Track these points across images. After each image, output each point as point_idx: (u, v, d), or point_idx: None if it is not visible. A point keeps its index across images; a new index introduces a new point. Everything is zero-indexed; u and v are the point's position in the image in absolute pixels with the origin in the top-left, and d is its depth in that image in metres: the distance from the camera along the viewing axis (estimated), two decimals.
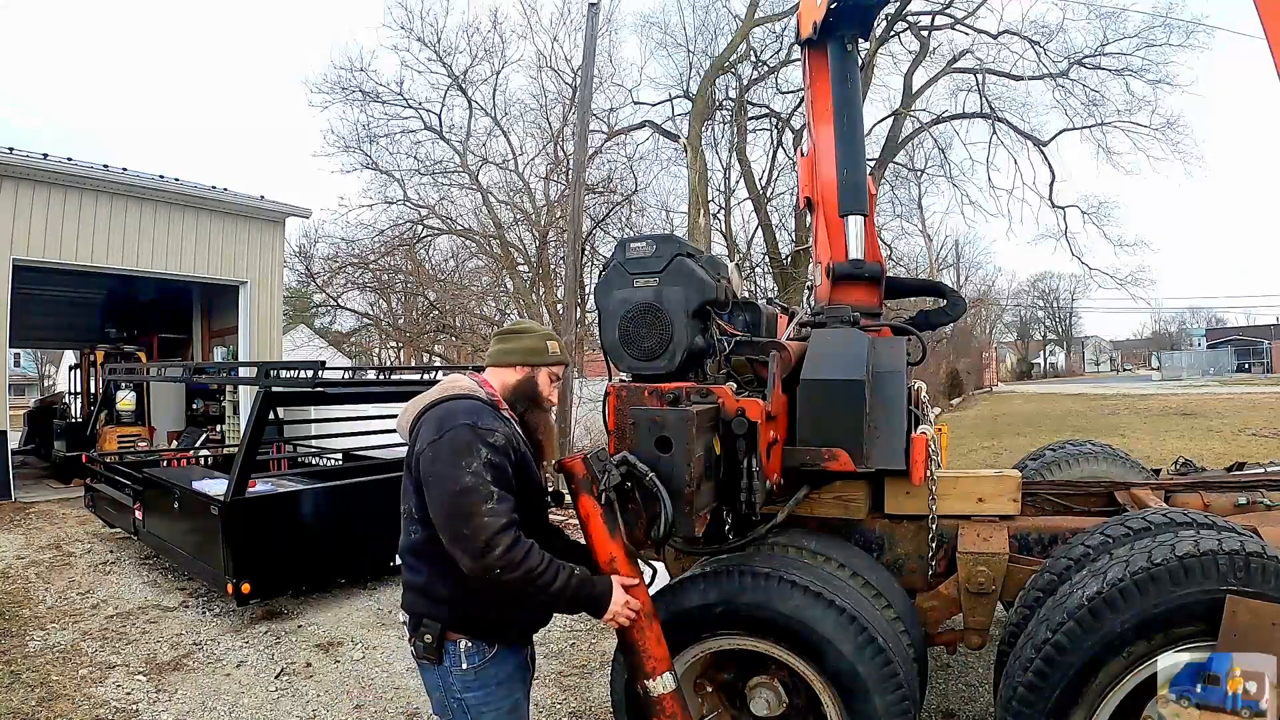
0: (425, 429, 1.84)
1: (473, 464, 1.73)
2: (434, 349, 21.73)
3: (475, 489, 1.71)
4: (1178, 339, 61.97)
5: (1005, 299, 49.22)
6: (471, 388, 1.97)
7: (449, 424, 1.80)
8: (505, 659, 1.88)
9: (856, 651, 2.20)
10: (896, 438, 2.53)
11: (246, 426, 5.13)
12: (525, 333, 2.12)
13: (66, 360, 18.60)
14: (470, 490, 1.71)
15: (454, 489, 1.71)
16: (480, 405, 1.91)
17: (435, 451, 1.77)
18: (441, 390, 1.96)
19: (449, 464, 1.73)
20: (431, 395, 1.95)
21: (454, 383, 1.99)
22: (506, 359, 2.06)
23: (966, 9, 18.44)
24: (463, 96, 20.21)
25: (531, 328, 2.15)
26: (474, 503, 1.70)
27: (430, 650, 1.82)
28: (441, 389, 1.96)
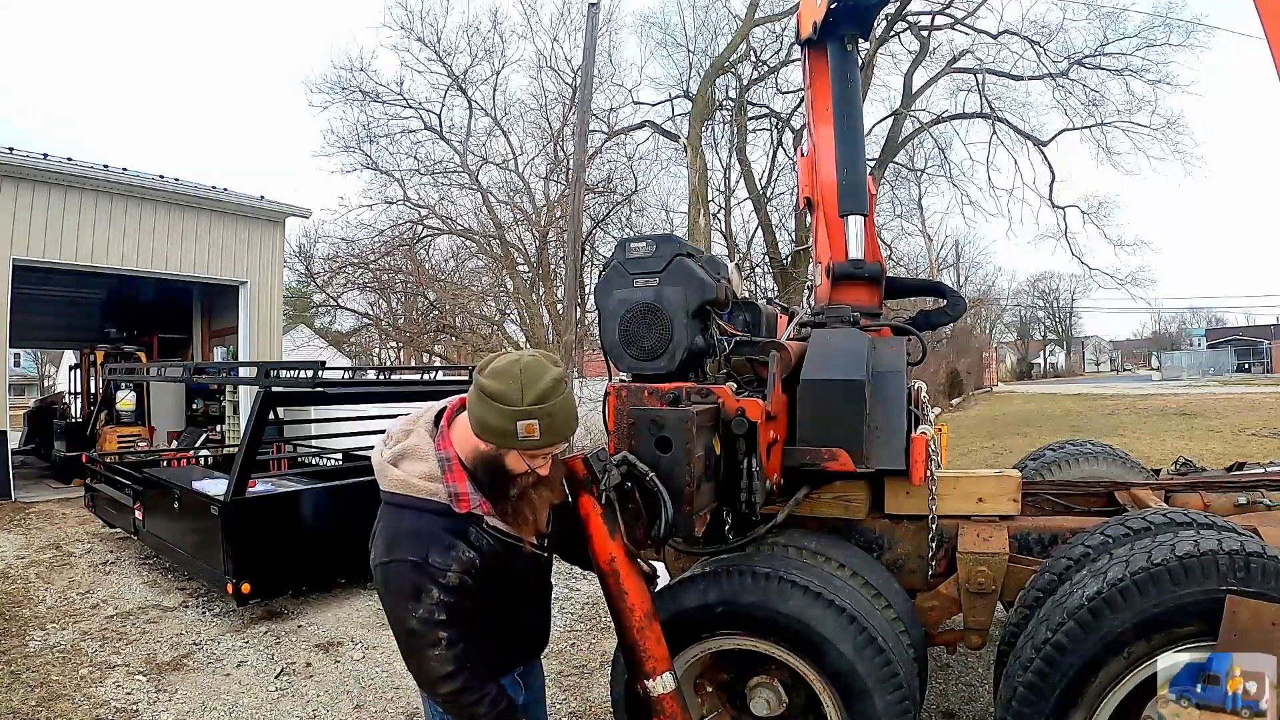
0: (378, 533, 1.64)
1: (418, 609, 1.55)
2: (434, 349, 21.72)
3: (422, 635, 1.56)
4: (1178, 339, 61.98)
5: (1005, 299, 49.29)
6: (430, 483, 1.63)
7: (393, 552, 1.58)
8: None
9: (856, 651, 2.19)
10: (896, 438, 2.53)
11: (246, 426, 5.13)
12: (496, 400, 1.57)
13: (66, 360, 18.61)
14: (416, 635, 1.56)
15: (400, 628, 1.59)
16: (433, 526, 1.60)
17: (383, 579, 1.59)
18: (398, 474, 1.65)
19: (394, 602, 1.58)
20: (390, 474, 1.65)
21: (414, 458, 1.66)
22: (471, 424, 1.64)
23: (966, 9, 18.47)
24: (463, 96, 20.24)
25: (507, 393, 1.56)
26: (420, 649, 1.58)
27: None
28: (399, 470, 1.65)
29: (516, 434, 1.58)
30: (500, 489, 1.67)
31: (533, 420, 1.57)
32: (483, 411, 1.60)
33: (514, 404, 1.57)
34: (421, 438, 1.70)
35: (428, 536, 1.59)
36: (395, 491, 1.65)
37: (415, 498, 1.63)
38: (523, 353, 1.67)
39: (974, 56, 19.18)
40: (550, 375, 1.61)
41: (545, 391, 1.59)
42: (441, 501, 1.63)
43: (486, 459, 1.65)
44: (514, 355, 1.66)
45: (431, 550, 1.57)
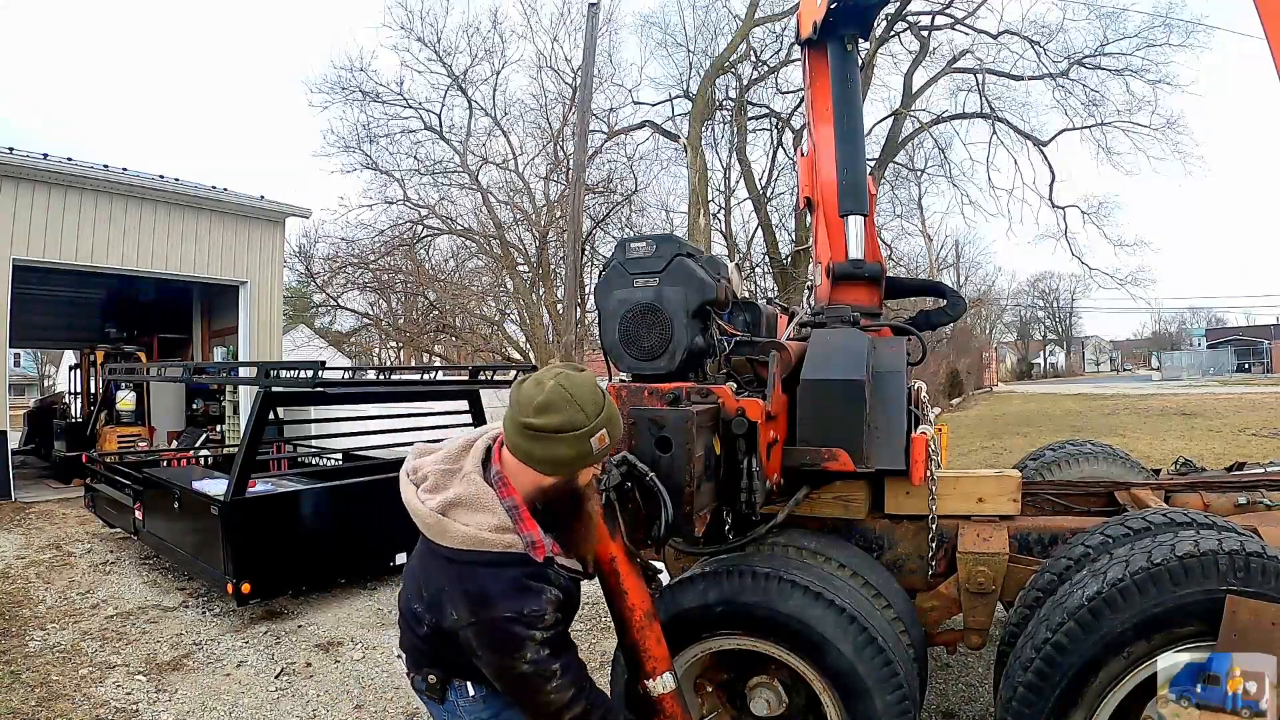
0: (453, 592, 1.54)
1: (526, 655, 1.52)
2: (434, 349, 21.73)
3: (535, 675, 1.54)
4: (1178, 339, 62.00)
5: (1005, 299, 49.30)
6: (504, 535, 1.55)
7: (486, 612, 1.51)
8: None
9: (856, 651, 2.19)
10: (896, 438, 2.53)
11: (246, 426, 5.13)
12: (564, 431, 1.53)
13: (66, 360, 18.60)
14: (529, 678, 1.53)
15: (509, 675, 1.55)
16: (520, 578, 1.54)
17: (479, 638, 1.53)
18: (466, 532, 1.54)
19: (498, 652, 1.53)
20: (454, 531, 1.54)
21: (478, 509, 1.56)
22: (534, 466, 1.59)
23: (966, 9, 18.48)
24: (463, 96, 20.26)
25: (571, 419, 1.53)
26: (534, 685, 1.55)
27: (433, 690, 1.73)
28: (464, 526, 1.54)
29: (592, 451, 1.58)
30: (573, 512, 1.66)
31: (601, 429, 1.58)
32: (549, 450, 1.55)
33: (582, 425, 1.55)
34: (477, 485, 1.59)
35: (517, 588, 1.53)
36: (466, 549, 1.54)
37: (491, 553, 1.54)
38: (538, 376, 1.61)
39: (974, 56, 19.21)
40: (586, 380, 1.60)
41: (597, 397, 1.59)
42: (519, 552, 1.56)
43: (559, 489, 1.62)
44: (534, 381, 1.59)
45: (526, 600, 1.53)
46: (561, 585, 1.62)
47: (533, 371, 1.72)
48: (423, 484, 1.65)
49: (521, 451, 1.58)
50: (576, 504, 1.67)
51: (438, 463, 1.68)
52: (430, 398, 6.28)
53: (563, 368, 1.64)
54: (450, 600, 1.55)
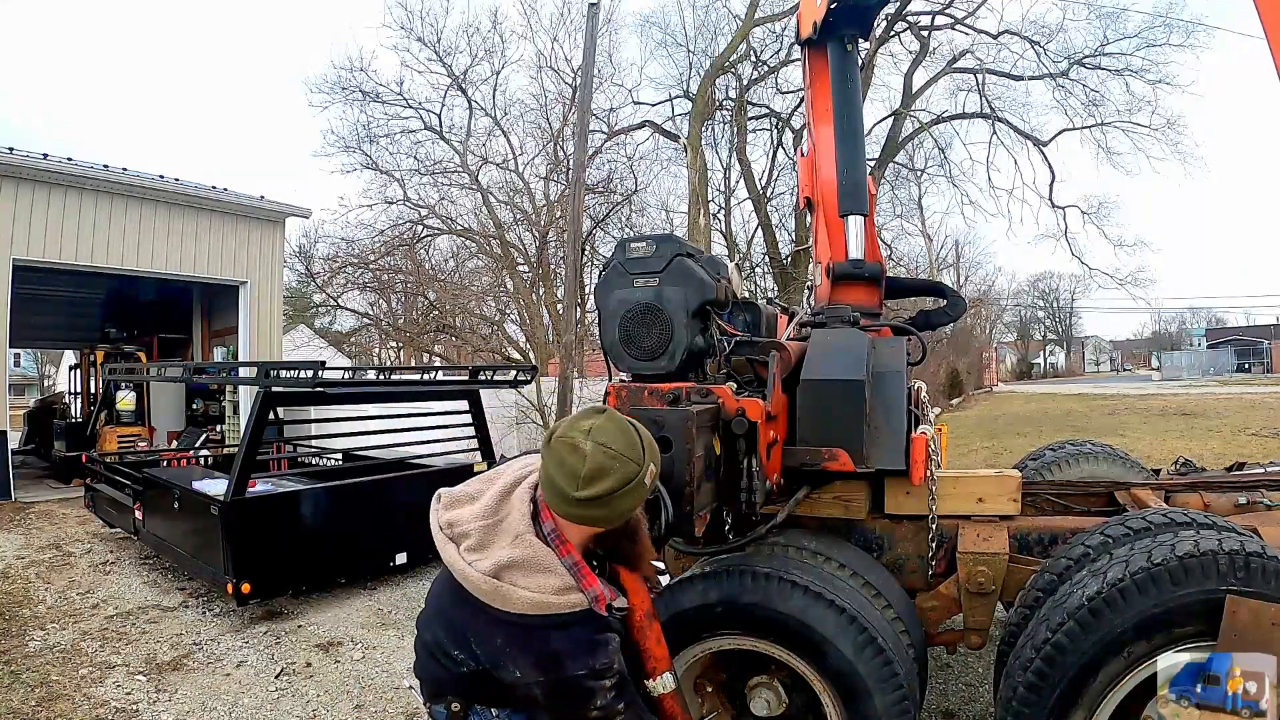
0: (520, 656, 1.52)
1: (596, 702, 1.54)
2: (434, 349, 21.73)
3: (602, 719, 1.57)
4: (1178, 339, 62.06)
5: (1005, 299, 49.23)
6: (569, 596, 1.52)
7: (558, 673, 1.51)
8: None
9: (856, 651, 2.19)
10: (896, 438, 2.53)
11: (246, 426, 5.13)
12: (622, 487, 1.50)
13: (66, 360, 18.60)
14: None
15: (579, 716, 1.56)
16: (589, 637, 1.54)
17: (547, 694, 1.53)
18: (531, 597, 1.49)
19: (570, 706, 1.54)
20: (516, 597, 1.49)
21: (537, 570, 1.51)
22: (594, 525, 1.57)
23: (966, 9, 18.48)
24: (463, 96, 20.25)
25: (626, 474, 1.50)
26: None
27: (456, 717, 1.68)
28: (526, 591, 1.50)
29: (647, 488, 1.57)
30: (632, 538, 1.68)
31: (650, 466, 1.57)
32: (613, 510, 1.53)
33: (635, 474, 1.52)
34: (534, 546, 1.54)
35: (585, 646, 1.53)
36: (531, 614, 1.50)
37: (558, 615, 1.51)
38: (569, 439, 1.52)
39: (974, 56, 19.21)
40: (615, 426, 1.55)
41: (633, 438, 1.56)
42: (585, 609, 1.54)
43: (625, 529, 1.63)
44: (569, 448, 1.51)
45: (596, 657, 1.54)
46: (618, 629, 1.64)
47: (532, 371, 1.70)
48: (464, 542, 1.58)
49: (583, 520, 1.54)
50: (634, 530, 1.67)
51: (478, 518, 1.59)
52: (430, 398, 6.28)
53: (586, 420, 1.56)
54: (514, 661, 1.53)
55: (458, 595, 1.58)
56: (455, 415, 6.32)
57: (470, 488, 1.70)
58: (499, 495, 1.62)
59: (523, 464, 1.70)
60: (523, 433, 13.53)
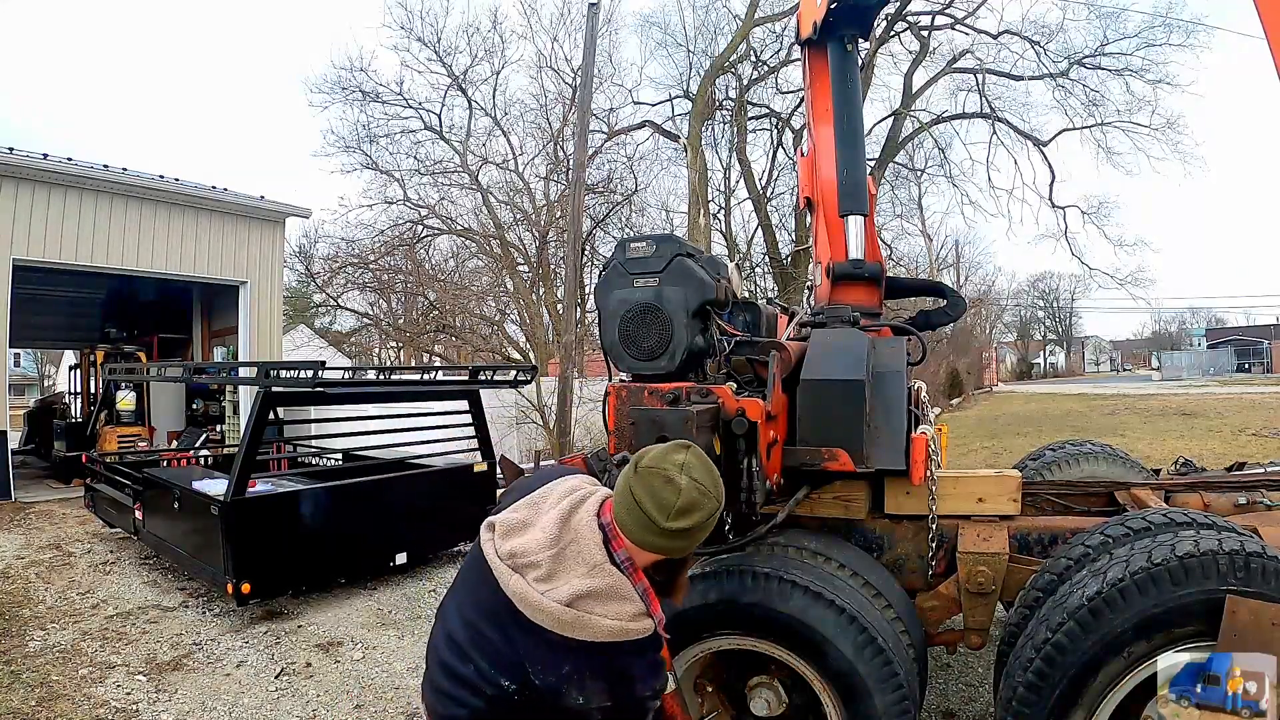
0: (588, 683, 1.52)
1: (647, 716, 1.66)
2: (434, 349, 21.73)
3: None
4: (1178, 339, 62.07)
5: (1005, 299, 49.23)
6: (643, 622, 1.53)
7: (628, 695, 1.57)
8: None
9: (856, 651, 2.20)
10: (896, 438, 2.53)
11: (246, 426, 5.13)
12: (704, 525, 1.53)
13: (66, 360, 18.60)
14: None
15: None
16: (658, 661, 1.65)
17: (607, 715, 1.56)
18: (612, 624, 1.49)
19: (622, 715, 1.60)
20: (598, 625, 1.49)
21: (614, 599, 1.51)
22: (675, 554, 1.60)
23: (966, 9, 18.49)
24: (463, 96, 20.25)
25: (709, 510, 1.53)
26: None
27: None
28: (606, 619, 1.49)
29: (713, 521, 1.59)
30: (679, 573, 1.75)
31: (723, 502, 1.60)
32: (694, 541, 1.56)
33: (717, 510, 1.55)
34: (614, 576, 1.53)
35: (653, 669, 1.62)
36: (612, 641, 1.50)
37: (635, 640, 1.53)
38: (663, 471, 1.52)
39: (974, 56, 19.21)
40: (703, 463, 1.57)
41: (715, 474, 1.58)
42: (654, 634, 1.58)
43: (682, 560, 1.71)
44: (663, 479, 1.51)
45: (659, 678, 1.65)
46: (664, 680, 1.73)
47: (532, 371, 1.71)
48: (531, 572, 1.54)
49: (662, 549, 1.55)
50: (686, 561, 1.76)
51: (544, 548, 1.55)
52: (430, 398, 6.28)
53: (679, 455, 1.56)
54: (583, 687, 1.52)
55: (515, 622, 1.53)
56: (455, 415, 6.32)
57: (519, 514, 1.65)
58: (558, 522, 1.58)
59: (568, 487, 1.67)
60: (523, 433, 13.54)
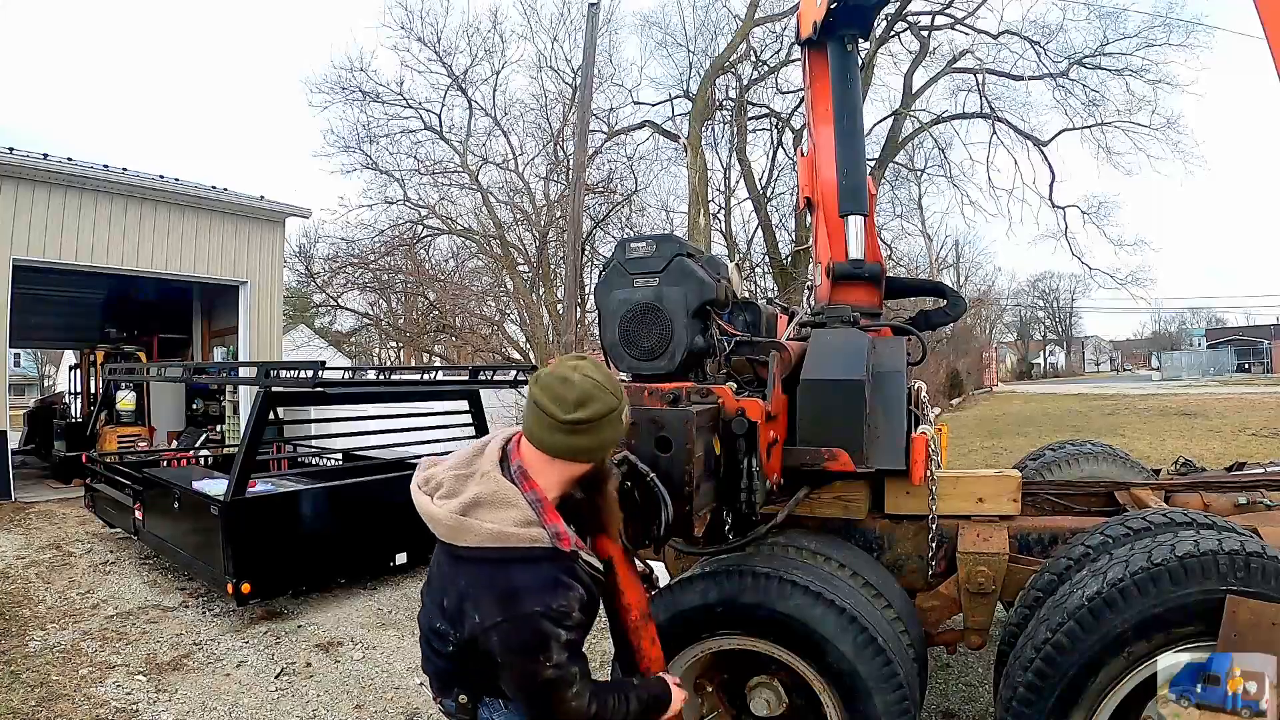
0: (479, 594, 1.53)
1: (551, 658, 1.50)
2: (434, 349, 21.72)
3: (558, 680, 1.52)
4: (1178, 339, 62.04)
5: (1005, 299, 49.23)
6: (531, 529, 1.53)
7: (515, 609, 1.50)
8: None
9: (857, 651, 2.19)
10: (896, 438, 2.53)
11: (246, 426, 5.13)
12: (604, 416, 1.56)
13: (66, 360, 18.59)
14: (553, 683, 1.52)
15: (533, 683, 1.52)
16: (550, 573, 1.54)
17: (505, 640, 1.50)
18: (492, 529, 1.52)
19: (522, 655, 1.51)
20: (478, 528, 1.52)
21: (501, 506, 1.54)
22: (577, 458, 1.60)
23: (966, 9, 18.49)
24: (463, 96, 20.22)
25: (607, 405, 1.56)
26: (558, 694, 1.53)
27: (464, 710, 1.69)
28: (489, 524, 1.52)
29: (624, 428, 1.64)
30: (601, 493, 1.72)
31: (627, 406, 1.64)
32: (595, 438, 1.58)
33: (617, 407, 1.59)
34: (498, 482, 1.57)
35: (545, 582, 1.52)
36: (493, 546, 1.52)
37: (519, 548, 1.52)
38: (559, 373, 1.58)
39: (974, 56, 19.20)
40: (599, 365, 1.63)
41: (614, 377, 1.64)
42: (546, 546, 1.54)
43: (594, 472, 1.67)
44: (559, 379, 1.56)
45: (555, 596, 1.52)
46: (585, 583, 1.61)
47: (532, 372, 1.71)
48: (437, 491, 1.61)
49: (564, 448, 1.58)
50: (602, 484, 1.72)
51: (450, 469, 1.65)
52: (430, 398, 6.28)
53: (573, 360, 1.63)
54: (475, 603, 1.53)
55: (439, 558, 1.64)
56: (455, 415, 6.32)
57: (450, 454, 1.77)
58: (474, 450, 1.68)
59: (501, 433, 1.75)
60: None
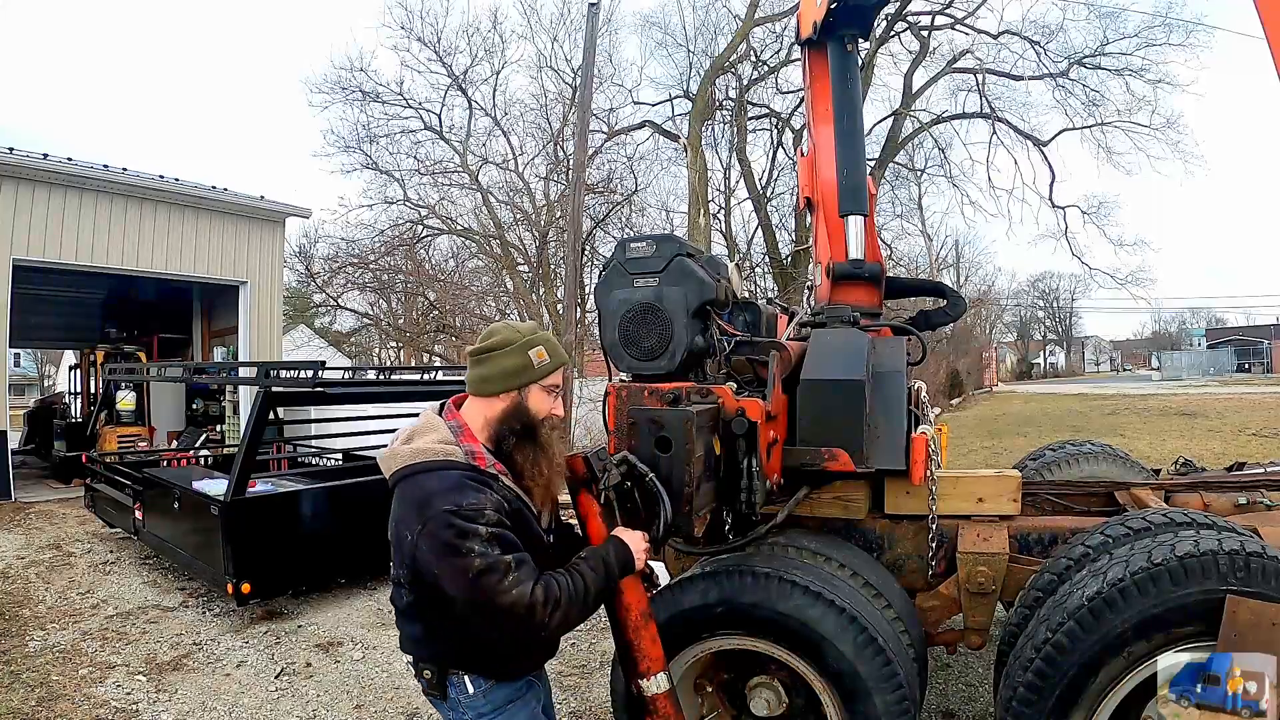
0: (405, 511, 1.63)
1: (474, 546, 1.54)
2: (434, 349, 21.74)
3: (492, 568, 1.54)
4: (1178, 339, 62.05)
5: (1005, 299, 49.20)
6: (445, 445, 1.68)
7: (428, 511, 1.57)
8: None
9: (856, 651, 2.19)
10: (896, 438, 2.53)
11: (246, 426, 5.13)
12: (502, 348, 1.76)
13: (66, 360, 18.59)
14: (488, 570, 1.54)
15: (469, 575, 1.53)
16: (458, 476, 1.63)
17: (430, 545, 1.56)
18: (412, 447, 1.68)
19: (448, 555, 1.54)
20: (403, 451, 1.69)
21: (426, 432, 1.72)
22: (485, 388, 1.76)
23: (966, 9, 18.49)
24: (463, 96, 20.26)
25: (508, 337, 1.77)
26: (494, 583, 1.54)
27: (434, 686, 1.75)
28: (412, 445, 1.69)
29: (532, 364, 1.77)
30: (529, 438, 1.77)
31: (538, 345, 1.79)
32: (492, 367, 1.76)
33: (515, 341, 1.77)
34: (427, 417, 1.77)
35: (455, 485, 1.61)
36: (411, 462, 1.66)
37: (433, 461, 1.65)
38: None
39: (974, 56, 19.20)
40: (520, 323, 1.86)
41: (529, 327, 1.85)
42: (460, 460, 1.67)
43: (511, 411, 1.77)
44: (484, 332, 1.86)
45: (464, 495, 1.59)
46: (504, 495, 1.67)
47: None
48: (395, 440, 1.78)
49: (475, 379, 1.78)
50: (532, 430, 1.78)
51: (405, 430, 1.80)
52: (430, 398, 6.22)
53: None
54: (403, 522, 1.62)
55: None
56: None
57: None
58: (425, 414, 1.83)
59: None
60: None
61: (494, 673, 1.75)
